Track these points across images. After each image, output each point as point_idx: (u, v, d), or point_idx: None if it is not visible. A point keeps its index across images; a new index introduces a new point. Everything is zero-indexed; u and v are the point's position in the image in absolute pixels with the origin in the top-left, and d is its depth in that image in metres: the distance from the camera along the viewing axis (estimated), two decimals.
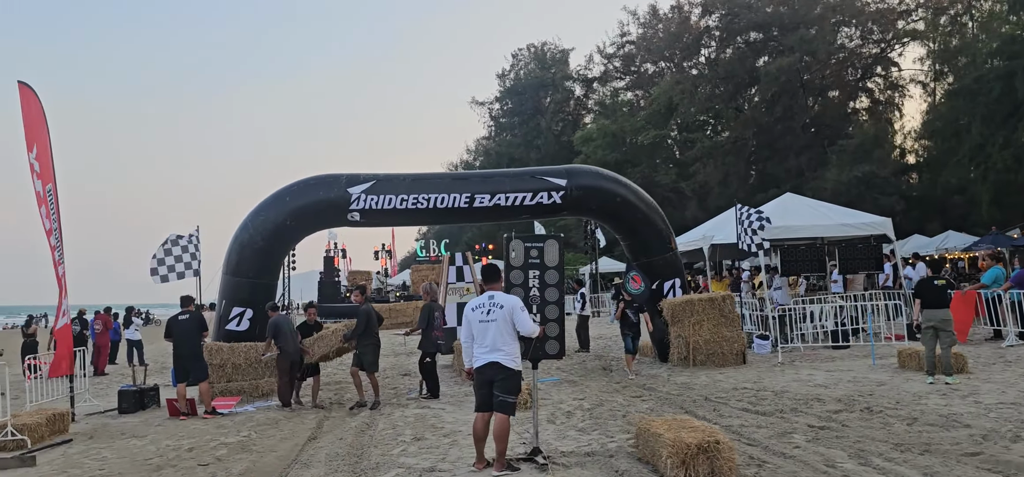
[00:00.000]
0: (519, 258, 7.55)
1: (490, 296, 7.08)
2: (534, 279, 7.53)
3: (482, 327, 7.01)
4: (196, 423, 11.22)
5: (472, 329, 7.12)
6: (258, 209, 14.12)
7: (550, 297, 7.55)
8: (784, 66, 40.28)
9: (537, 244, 7.52)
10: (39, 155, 11.37)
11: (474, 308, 7.11)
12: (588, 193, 14.66)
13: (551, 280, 7.57)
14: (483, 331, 7.00)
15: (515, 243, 7.52)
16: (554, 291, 7.56)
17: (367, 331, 12.13)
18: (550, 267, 7.54)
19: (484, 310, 7.02)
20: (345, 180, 14.22)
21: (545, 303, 7.54)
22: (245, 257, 13.87)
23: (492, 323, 6.95)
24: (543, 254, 7.55)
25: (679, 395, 11.29)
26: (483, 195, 14.35)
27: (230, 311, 13.80)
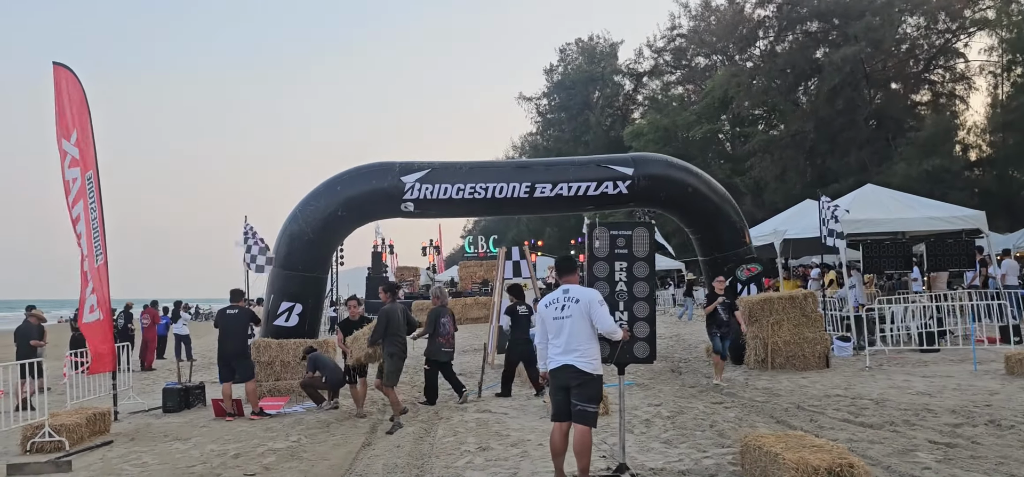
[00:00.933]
0: (604, 248, 6.63)
1: (565, 290, 6.18)
2: (621, 272, 6.60)
3: (556, 325, 6.12)
4: (242, 425, 10.53)
5: (547, 327, 6.24)
6: (308, 199, 13.43)
7: (639, 292, 6.61)
8: (849, 55, 38.55)
9: (624, 232, 6.60)
10: (79, 141, 10.78)
11: (548, 304, 6.23)
12: (656, 183, 13.69)
13: (640, 273, 6.64)
14: (557, 329, 6.11)
15: (599, 230, 6.60)
16: (644, 285, 6.62)
17: (388, 335, 10.37)
18: (639, 258, 6.61)
19: (558, 306, 6.13)
20: (399, 168, 13.46)
21: (634, 299, 6.61)
22: (295, 249, 13.20)
23: (567, 320, 6.05)
24: (631, 243, 6.62)
25: (766, 402, 10.25)
26: (544, 185, 13.47)
27: (279, 306, 13.14)
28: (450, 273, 50.31)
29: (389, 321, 10.37)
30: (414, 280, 43.60)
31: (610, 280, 6.60)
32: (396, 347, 10.40)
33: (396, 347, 10.40)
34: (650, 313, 6.61)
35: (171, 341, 22.58)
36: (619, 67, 71.51)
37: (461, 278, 43.49)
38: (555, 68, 76.09)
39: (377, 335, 10.36)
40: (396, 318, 10.47)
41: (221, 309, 11.48)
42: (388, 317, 10.41)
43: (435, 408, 11.30)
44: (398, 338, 10.44)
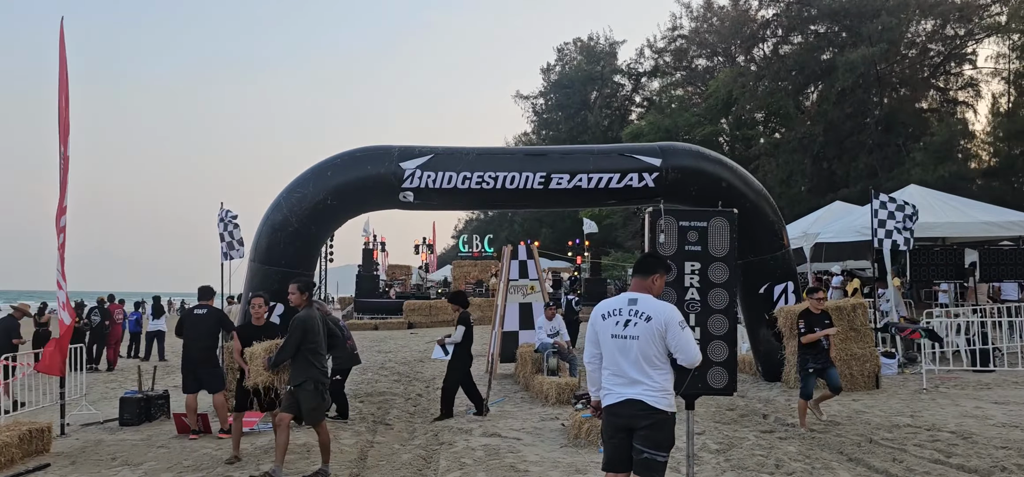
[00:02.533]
0: (671, 244, 5.09)
1: (631, 299, 4.64)
2: (693, 276, 5.08)
3: (617, 345, 4.57)
4: (208, 445, 8.95)
5: (600, 345, 4.71)
6: (293, 186, 11.84)
7: (716, 302, 5.10)
8: (866, 56, 37.14)
9: (698, 223, 5.09)
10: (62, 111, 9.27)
11: (606, 315, 4.67)
12: (687, 176, 12.15)
13: (718, 277, 5.13)
14: (619, 352, 4.56)
15: (666, 221, 5.08)
16: (722, 294, 5.11)
17: (302, 355, 7.11)
18: (717, 258, 5.10)
19: (621, 320, 4.58)
20: (397, 153, 11.89)
21: (709, 312, 5.09)
22: (277, 242, 11.60)
23: (633, 342, 4.51)
24: (706, 238, 5.10)
25: (825, 433, 8.72)
26: (561, 175, 11.92)
27: None
28: (443, 272, 48.79)
29: (306, 335, 7.07)
30: (405, 279, 42.04)
31: (678, 286, 5.08)
32: (313, 372, 7.12)
33: (313, 372, 7.12)
34: (729, 331, 5.07)
35: (147, 339, 20.92)
36: (619, 67, 70.27)
37: (455, 277, 41.99)
38: (553, 67, 74.92)
39: (286, 354, 7.14)
40: (314, 330, 7.15)
41: (187, 309, 9.90)
42: (304, 329, 7.07)
43: (435, 431, 9.73)
44: (318, 358, 7.20)
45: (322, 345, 7.25)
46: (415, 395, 12.59)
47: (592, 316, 4.76)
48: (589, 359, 4.80)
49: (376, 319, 33.37)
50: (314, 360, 7.13)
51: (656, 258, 4.85)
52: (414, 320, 32.64)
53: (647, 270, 4.73)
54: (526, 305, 14.86)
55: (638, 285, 4.71)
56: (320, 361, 7.26)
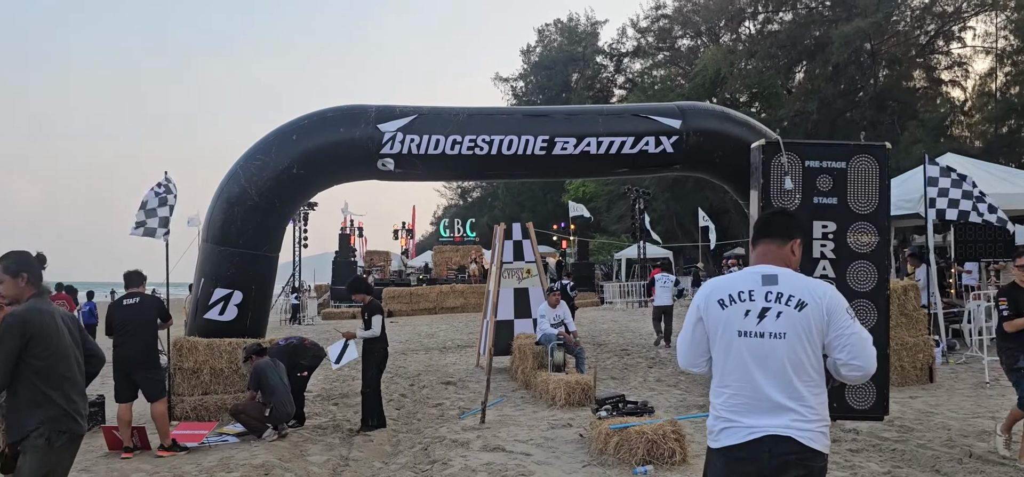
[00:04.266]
0: (794, 190, 3.44)
1: (767, 276, 3.03)
2: (826, 240, 3.46)
3: (749, 349, 2.95)
4: (145, 465, 7.22)
5: (712, 347, 3.08)
6: (253, 152, 10.09)
7: (859, 282, 3.48)
8: (861, 29, 35.76)
9: (832, 163, 3.47)
10: None
11: (725, 301, 3.04)
12: (710, 140, 10.56)
13: (862, 243, 3.47)
14: (753, 358, 2.94)
15: (788, 160, 3.43)
16: (868, 270, 3.49)
17: (27, 380, 3.86)
18: (861, 215, 3.47)
19: (753, 308, 2.96)
20: (375, 113, 10.18)
21: (849, 296, 3.42)
22: (234, 218, 9.86)
23: (777, 343, 2.91)
24: (844, 185, 3.45)
25: (902, 441, 7.13)
26: (566, 140, 10.27)
27: (211, 293, 9.80)
28: (424, 258, 47.00)
29: (29, 345, 3.89)
30: (385, 265, 40.24)
31: (804, 257, 3.40)
32: (51, 411, 3.88)
33: (51, 411, 3.88)
34: (879, 321, 3.42)
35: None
36: (601, 48, 68.87)
37: (435, 264, 40.25)
38: (533, 49, 73.41)
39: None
40: (47, 336, 3.95)
41: (115, 300, 8.13)
42: (23, 335, 3.87)
43: (424, 443, 8.06)
44: (60, 387, 3.93)
45: (72, 362, 4.07)
46: (398, 396, 10.92)
47: (699, 300, 3.11)
48: (689, 363, 3.17)
49: (354, 307, 31.61)
50: (51, 390, 3.89)
51: (788, 217, 3.19)
52: (394, 308, 30.93)
53: (784, 232, 3.09)
54: (522, 291, 13.19)
55: (770, 254, 3.07)
56: (65, 391, 3.96)
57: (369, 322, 8.69)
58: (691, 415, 7.99)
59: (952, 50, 43.93)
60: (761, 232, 3.17)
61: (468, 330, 21.47)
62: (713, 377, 3.12)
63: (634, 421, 6.56)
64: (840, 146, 3.74)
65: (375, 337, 8.71)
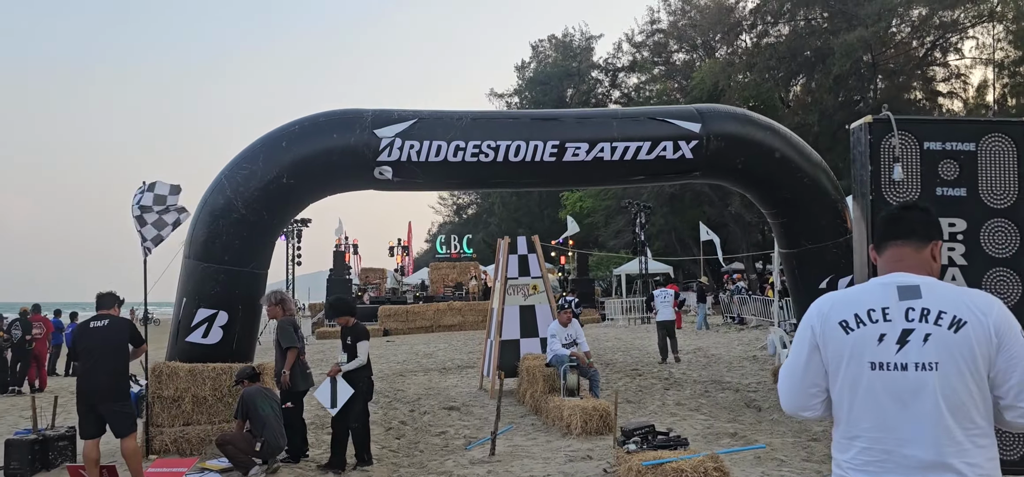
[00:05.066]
0: (911, 181, 2.68)
1: (900, 286, 2.27)
2: (954, 237, 2.65)
3: (886, 385, 2.18)
4: None
5: (833, 383, 2.31)
6: (239, 161, 9.31)
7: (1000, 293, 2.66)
8: (863, 38, 35.24)
9: (959, 145, 2.70)
10: None
11: (850, 322, 2.27)
12: (732, 145, 9.82)
13: (999, 247, 2.70)
14: (893, 398, 2.17)
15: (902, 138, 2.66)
16: (1010, 279, 2.68)
17: None
18: (997, 210, 2.70)
19: (891, 332, 2.19)
20: (371, 118, 9.41)
21: None
22: (219, 232, 9.06)
23: (927, 376, 2.15)
24: (975, 172, 2.69)
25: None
26: (578, 145, 9.52)
27: (193, 314, 8.99)
28: (420, 275, 46.17)
29: None
30: (380, 283, 39.42)
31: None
32: None
33: None
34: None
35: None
36: (596, 62, 68.56)
37: (432, 281, 39.44)
38: (527, 64, 73.13)
39: None
40: None
41: (81, 323, 7.32)
42: None
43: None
44: None
45: None
46: (398, 423, 10.09)
47: (813, 321, 2.33)
48: (798, 406, 2.39)
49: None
50: None
51: (930, 212, 2.43)
52: (390, 326, 30.13)
53: (922, 231, 2.35)
54: (528, 308, 12.41)
55: (904, 260, 2.31)
56: None
57: (354, 349, 7.58)
58: (734, 448, 7.19)
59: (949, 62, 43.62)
60: (890, 231, 2.40)
61: (467, 349, 20.67)
62: (835, 424, 2.35)
63: (669, 456, 5.77)
64: (968, 123, 3.08)
65: (362, 366, 7.62)
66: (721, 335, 21.90)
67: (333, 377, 7.46)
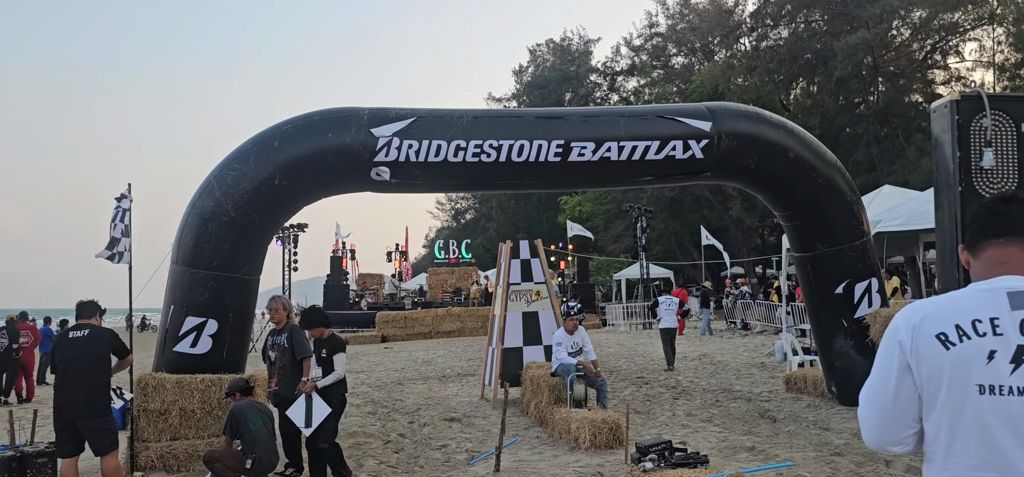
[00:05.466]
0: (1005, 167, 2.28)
1: (1011, 292, 1.87)
2: None
3: (992, 410, 1.79)
4: None
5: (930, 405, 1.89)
6: (229, 162, 8.89)
7: None
8: (866, 39, 34.88)
9: None
10: None
11: (950, 335, 1.87)
12: (744, 144, 9.43)
13: None
14: (1001, 424, 1.78)
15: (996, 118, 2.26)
16: None
17: None
18: None
19: (1002, 348, 1.80)
20: (368, 117, 8.99)
21: None
22: (207, 237, 8.63)
23: None
24: None
25: None
26: (584, 144, 9.11)
27: (181, 323, 8.56)
28: (418, 280, 45.78)
29: None
30: (378, 288, 38.99)
31: None
32: None
33: None
34: None
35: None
36: (594, 66, 68.31)
37: (430, 286, 39.01)
38: (525, 69, 72.89)
39: None
40: None
41: (61, 333, 6.89)
42: None
43: None
44: None
45: None
46: (396, 436, 9.65)
47: (902, 336, 1.92)
48: (887, 441, 1.98)
49: (347, 332, 30.37)
50: None
51: None
52: (388, 333, 29.72)
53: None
54: (531, 315, 11.98)
55: (1011, 261, 1.92)
56: None
57: (330, 362, 7.04)
58: (757, 467, 6.78)
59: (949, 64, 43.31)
60: (989, 228, 1.99)
61: (467, 356, 20.23)
62: (927, 460, 1.94)
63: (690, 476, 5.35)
64: None
65: (339, 380, 7.09)
66: (726, 341, 21.49)
67: (308, 394, 6.84)
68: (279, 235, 31.77)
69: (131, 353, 6.81)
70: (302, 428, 6.82)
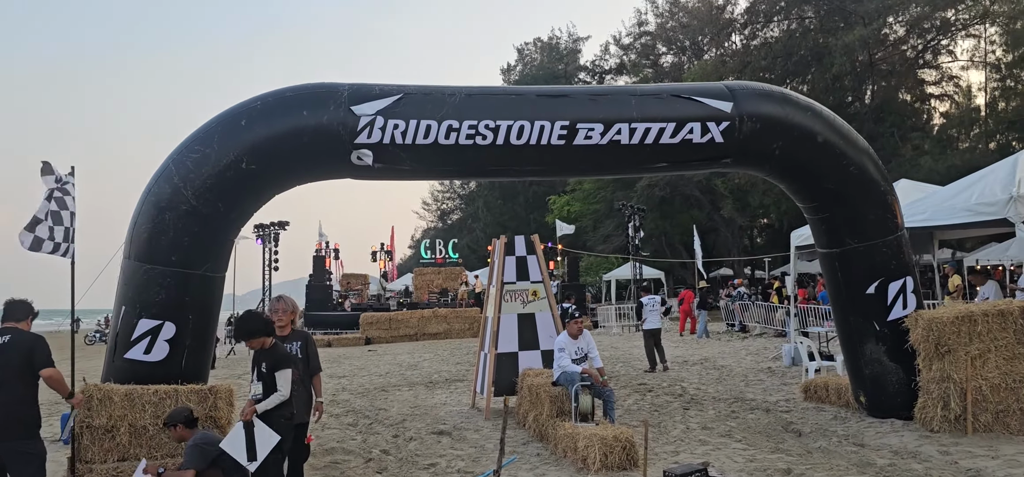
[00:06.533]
0: None
1: None
2: None
3: None
4: None
5: None
6: (190, 143, 7.82)
7: None
8: (863, 37, 34.13)
9: None
10: None
11: None
12: (768, 127, 8.48)
13: None
14: None
15: None
16: None
17: None
18: None
19: None
20: (348, 93, 7.96)
21: None
22: (164, 228, 7.56)
23: None
24: None
25: None
26: (592, 125, 8.12)
27: (134, 325, 7.49)
28: (404, 281, 44.68)
29: None
30: (363, 289, 37.86)
31: None
32: None
33: None
34: None
35: None
36: (583, 65, 67.64)
37: (416, 287, 37.94)
38: (513, 67, 72.14)
39: None
40: None
41: None
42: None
43: None
44: None
45: None
46: (379, 453, 8.62)
47: None
48: None
49: (330, 334, 29.31)
50: None
51: None
52: (372, 335, 28.65)
53: None
54: (527, 316, 10.97)
55: None
56: None
57: (272, 380, 5.72)
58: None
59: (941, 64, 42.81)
60: None
61: (455, 360, 19.22)
62: None
63: None
64: None
65: (283, 401, 5.75)
66: (724, 343, 20.57)
67: (248, 421, 5.61)
68: (259, 233, 30.60)
69: (51, 366, 5.60)
70: (244, 463, 5.57)
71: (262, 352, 5.76)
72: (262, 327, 5.82)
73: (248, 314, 6.10)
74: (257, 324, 5.81)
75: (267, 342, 5.78)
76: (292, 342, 6.60)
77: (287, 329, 6.66)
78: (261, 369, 5.71)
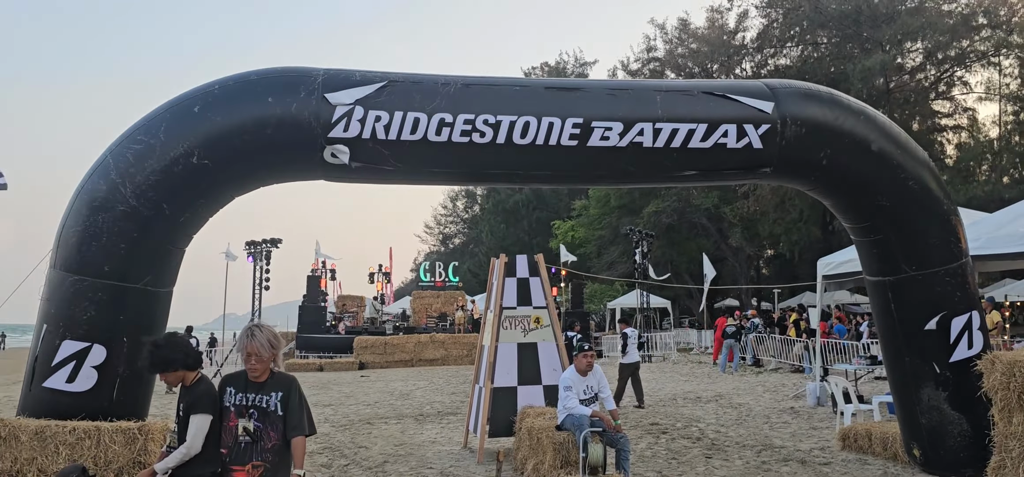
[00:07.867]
0: None
1: None
2: None
3: None
4: None
5: None
6: (133, 132, 6.59)
7: None
8: (884, 61, 33.03)
9: None
10: None
11: None
12: (815, 133, 7.25)
13: None
14: None
15: None
16: None
17: None
18: None
19: None
20: (322, 79, 6.74)
21: None
22: (97, 232, 6.33)
23: None
24: None
25: None
26: (609, 124, 6.90)
27: (56, 347, 6.23)
28: (401, 304, 43.34)
29: None
30: (358, 311, 36.54)
31: None
32: None
33: None
34: None
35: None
36: None
37: (414, 311, 36.61)
38: None
39: None
40: None
41: None
42: None
43: None
44: None
45: None
46: None
47: None
48: None
49: (323, 358, 28.01)
50: None
51: None
52: (366, 359, 27.37)
53: None
54: (528, 346, 9.67)
55: None
56: None
57: (186, 424, 4.29)
58: None
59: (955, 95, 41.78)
60: None
61: (450, 389, 17.90)
62: None
63: None
64: None
65: (191, 457, 4.22)
66: (738, 379, 19.24)
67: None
68: (250, 251, 29.38)
69: None
70: None
71: (182, 390, 4.41)
72: (180, 358, 4.38)
73: (167, 339, 4.72)
74: (174, 353, 4.41)
75: (187, 377, 4.41)
76: (269, 393, 4.65)
77: (262, 376, 4.41)
78: (179, 412, 4.36)
